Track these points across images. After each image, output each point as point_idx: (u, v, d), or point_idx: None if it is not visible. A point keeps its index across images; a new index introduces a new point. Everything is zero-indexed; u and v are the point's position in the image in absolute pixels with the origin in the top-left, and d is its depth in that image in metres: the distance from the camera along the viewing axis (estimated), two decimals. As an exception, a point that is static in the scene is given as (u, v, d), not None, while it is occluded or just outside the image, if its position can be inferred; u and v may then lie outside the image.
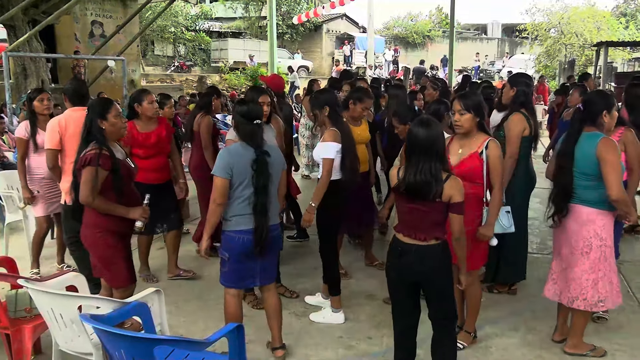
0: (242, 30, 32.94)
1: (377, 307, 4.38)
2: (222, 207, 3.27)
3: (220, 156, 3.31)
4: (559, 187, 3.45)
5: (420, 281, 2.99)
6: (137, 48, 19.14)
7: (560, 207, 3.44)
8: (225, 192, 3.23)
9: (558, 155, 3.50)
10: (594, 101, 3.44)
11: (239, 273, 3.39)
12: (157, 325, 3.08)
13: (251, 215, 3.26)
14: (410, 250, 2.91)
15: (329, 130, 3.99)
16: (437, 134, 2.85)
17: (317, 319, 4.20)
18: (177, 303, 4.46)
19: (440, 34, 37.67)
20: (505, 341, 3.84)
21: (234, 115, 3.43)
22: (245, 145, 3.28)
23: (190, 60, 29.55)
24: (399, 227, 2.99)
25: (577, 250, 3.42)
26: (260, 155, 3.24)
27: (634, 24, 33.43)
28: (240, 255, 3.33)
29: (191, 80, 24.33)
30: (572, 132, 3.42)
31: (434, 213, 2.87)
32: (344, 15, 35.60)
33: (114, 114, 3.47)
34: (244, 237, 3.28)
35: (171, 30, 28.81)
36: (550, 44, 30.20)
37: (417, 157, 2.83)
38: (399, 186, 2.89)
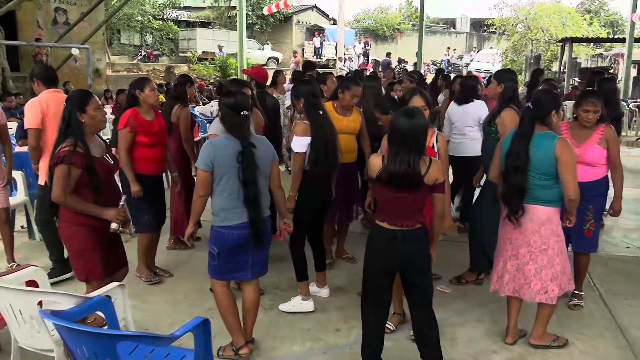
0: (211, 20, 32.52)
1: (345, 299, 4.39)
2: (204, 199, 3.27)
3: (203, 148, 3.28)
4: (513, 187, 3.38)
5: (406, 267, 3.05)
6: (102, 36, 18.73)
7: (516, 207, 3.39)
8: (207, 184, 3.21)
9: (510, 155, 3.40)
10: (544, 100, 3.43)
11: (230, 266, 3.37)
12: (121, 320, 3.02)
13: (240, 209, 3.22)
14: (397, 236, 2.96)
15: (300, 124, 4.04)
16: (420, 124, 2.91)
17: (286, 308, 4.21)
18: (143, 297, 4.39)
19: (410, 27, 37.91)
20: (471, 332, 3.89)
21: (221, 107, 3.36)
22: (231, 137, 3.23)
23: (158, 49, 29.03)
24: (383, 216, 3.01)
25: (535, 249, 3.45)
26: (247, 147, 3.18)
27: (598, 21, 34.22)
28: (230, 250, 3.30)
29: (159, 70, 23.93)
30: (524, 132, 3.38)
31: (419, 199, 2.98)
32: (314, 6, 35.49)
33: (93, 107, 3.35)
34: (233, 232, 3.25)
35: (138, 19, 28.25)
36: (517, 39, 30.72)
37: (397, 147, 2.87)
38: (381, 176, 2.90)
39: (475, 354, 3.63)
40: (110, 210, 3.34)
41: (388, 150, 2.94)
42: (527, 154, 3.31)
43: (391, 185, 2.90)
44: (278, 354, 3.63)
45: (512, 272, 3.55)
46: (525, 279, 3.50)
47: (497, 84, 4.45)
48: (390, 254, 3.01)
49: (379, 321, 3.20)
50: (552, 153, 3.29)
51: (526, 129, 3.37)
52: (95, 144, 3.42)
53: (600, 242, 4.46)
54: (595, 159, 4.00)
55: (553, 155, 3.29)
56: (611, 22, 38.09)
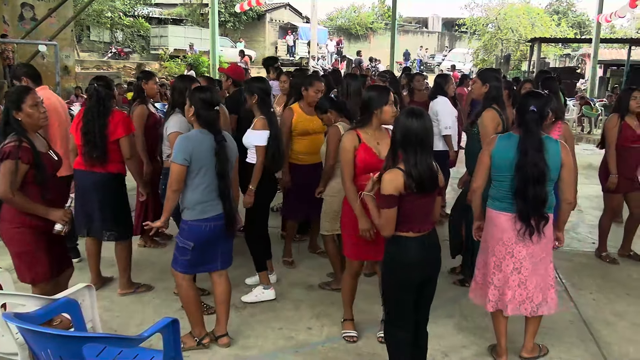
0: (183, 17, 32.17)
1: (316, 297, 4.40)
2: (178, 193, 3.30)
3: (179, 143, 3.28)
4: (535, 200, 3.11)
5: (434, 273, 2.98)
6: (71, 33, 18.31)
7: (539, 221, 3.16)
8: (182, 178, 3.26)
9: (525, 167, 3.09)
10: (546, 104, 3.21)
11: (201, 259, 3.44)
12: (89, 322, 2.97)
13: (216, 201, 3.33)
14: (425, 243, 2.87)
15: (259, 119, 4.15)
16: (430, 123, 2.83)
17: (249, 299, 4.29)
18: (111, 298, 4.33)
19: (383, 27, 38.12)
20: (441, 329, 3.93)
21: (195, 102, 3.34)
22: (205, 131, 3.30)
23: (129, 46, 28.59)
24: (408, 226, 2.83)
25: (537, 259, 3.29)
26: (221, 142, 3.31)
27: (565, 22, 34.91)
28: (205, 243, 3.38)
29: (129, 68, 23.56)
30: (535, 140, 3.10)
31: (434, 201, 2.94)
32: (287, 4, 35.42)
33: (29, 104, 3.24)
34: (212, 224, 3.34)
35: (108, 15, 27.74)
36: (487, 38, 31.18)
37: (413, 149, 2.74)
38: (409, 184, 2.72)
39: (446, 350, 3.68)
40: (57, 212, 3.28)
41: (402, 154, 2.77)
42: (545, 161, 3.08)
43: (417, 192, 2.75)
44: (250, 353, 3.61)
45: (514, 287, 3.30)
46: (527, 293, 3.31)
47: (481, 84, 4.37)
48: (425, 263, 2.90)
49: (410, 336, 2.99)
50: (559, 157, 3.16)
51: (538, 136, 3.12)
52: (38, 140, 3.36)
53: (566, 239, 4.54)
54: None
55: (560, 160, 3.16)
56: (579, 23, 38.93)
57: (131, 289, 4.42)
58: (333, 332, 3.84)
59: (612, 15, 17.65)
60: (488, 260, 3.38)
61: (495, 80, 4.37)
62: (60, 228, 3.27)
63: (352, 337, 3.74)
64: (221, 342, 3.61)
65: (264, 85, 4.28)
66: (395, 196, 2.75)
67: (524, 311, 3.34)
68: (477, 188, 3.41)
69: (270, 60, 7.94)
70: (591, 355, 3.64)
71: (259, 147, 4.11)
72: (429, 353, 3.22)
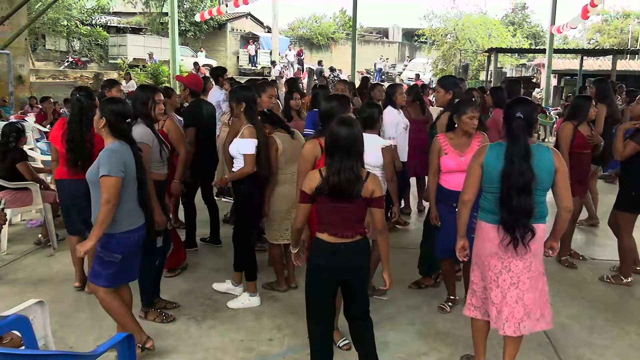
0: (142, 26, 31.73)
1: (278, 308, 4.37)
2: (115, 207, 3.22)
3: (110, 156, 3.21)
4: (519, 211, 2.97)
5: (348, 278, 3.02)
6: (25, 41, 17.84)
7: (524, 231, 3.00)
8: (119, 191, 3.22)
9: (511, 176, 2.97)
10: (532, 111, 3.11)
11: (125, 271, 3.43)
12: (40, 339, 2.86)
13: (139, 212, 3.40)
14: (340, 249, 2.93)
15: (248, 127, 4.16)
16: (359, 132, 2.93)
17: (235, 305, 4.35)
18: (66, 313, 4.20)
19: (344, 36, 38.44)
20: (402, 335, 3.95)
21: (108, 114, 3.29)
22: (123, 142, 3.33)
23: (86, 56, 28.04)
24: (323, 227, 2.96)
25: (535, 272, 3.14)
26: (137, 151, 3.38)
27: (521, 33, 35.91)
28: (131, 254, 3.40)
29: (87, 77, 23.10)
30: (522, 147, 2.98)
31: (358, 210, 2.94)
32: (248, 14, 35.39)
33: None
34: (137, 234, 3.39)
35: (64, 24, 27.16)
36: (446, 48, 31.79)
37: (340, 156, 2.85)
38: (322, 187, 2.87)
39: (406, 357, 3.69)
40: None
41: (327, 160, 2.90)
42: (532, 171, 2.97)
43: (332, 196, 2.87)
44: (210, 366, 3.56)
45: (512, 304, 3.12)
46: (525, 308, 3.13)
47: (445, 91, 4.51)
48: (334, 267, 2.96)
49: (326, 331, 3.14)
50: (552, 165, 3.05)
51: (525, 144, 2.99)
52: None
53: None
54: None
55: (553, 167, 3.05)
56: (533, 34, 40.07)
57: None
58: (295, 342, 3.81)
59: (565, 26, 18.25)
60: (485, 274, 3.21)
61: (458, 87, 4.56)
62: None
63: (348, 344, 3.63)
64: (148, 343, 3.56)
65: (253, 94, 4.32)
66: (307, 194, 2.93)
67: (524, 330, 3.13)
68: (468, 201, 3.23)
69: (219, 70, 7.79)
70: (548, 358, 3.71)
71: (248, 156, 4.12)
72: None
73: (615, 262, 5.26)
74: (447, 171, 4.04)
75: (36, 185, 5.72)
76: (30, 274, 5.00)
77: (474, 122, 3.95)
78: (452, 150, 4.01)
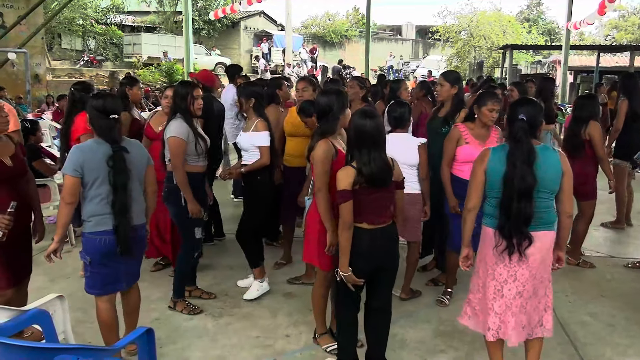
0: (156, 25, 31.92)
1: (294, 305, 4.36)
2: (72, 207, 3.10)
3: (70, 153, 3.12)
4: (517, 216, 2.86)
5: (384, 263, 3.14)
6: (41, 41, 18.06)
7: (521, 238, 2.90)
8: (75, 191, 3.08)
9: (511, 179, 2.87)
10: (537, 112, 3.00)
11: (102, 278, 3.22)
12: (60, 333, 2.90)
13: (111, 215, 3.12)
14: (377, 234, 3.06)
15: (260, 121, 4.31)
16: (382, 122, 3.10)
17: (251, 295, 4.43)
18: (86, 309, 4.22)
19: (357, 34, 38.37)
20: (420, 333, 3.93)
21: (89, 110, 3.20)
22: (101, 141, 3.13)
23: (101, 54, 28.28)
24: (361, 217, 3.03)
25: (538, 281, 3.04)
26: (117, 151, 3.09)
27: (536, 29, 35.61)
28: (102, 258, 3.17)
29: (102, 76, 23.29)
30: (524, 149, 2.87)
31: (390, 195, 3.12)
32: (262, 12, 35.41)
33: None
34: (105, 238, 3.13)
35: (80, 23, 27.41)
36: (460, 45, 31.59)
37: (367, 148, 2.96)
38: (358, 180, 2.95)
39: (424, 354, 3.67)
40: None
41: (356, 153, 3.00)
42: (534, 175, 2.85)
43: (369, 187, 2.97)
44: (227, 362, 3.57)
45: (517, 314, 3.02)
46: (527, 317, 3.05)
47: (450, 86, 4.56)
48: (374, 252, 3.07)
49: (355, 318, 3.28)
50: (559, 167, 2.93)
51: (528, 146, 2.88)
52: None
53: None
54: None
55: (560, 170, 2.94)
56: (549, 30, 39.75)
57: None
58: (311, 340, 3.80)
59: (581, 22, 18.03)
60: (487, 283, 3.08)
61: (461, 82, 4.60)
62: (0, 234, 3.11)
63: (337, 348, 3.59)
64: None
65: (258, 89, 4.48)
66: (349, 190, 2.96)
67: (526, 336, 3.07)
68: (473, 208, 3.08)
69: (235, 68, 7.75)
70: (568, 357, 3.67)
71: (264, 147, 4.27)
72: (409, 358, 3.22)
73: (635, 259, 5.19)
74: (466, 161, 3.98)
75: (54, 182, 5.77)
76: (49, 270, 5.02)
77: (493, 115, 3.97)
78: (474, 140, 4.00)
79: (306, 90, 4.93)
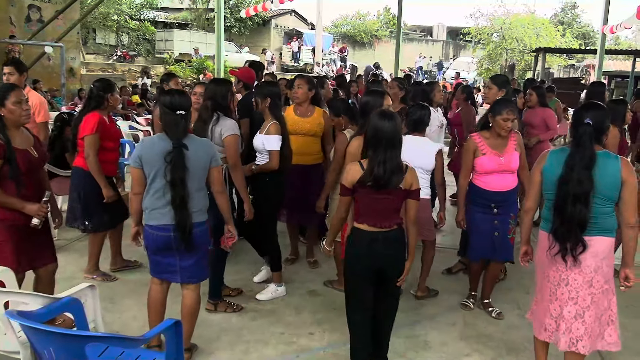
0: (188, 22, 32.28)
1: (319, 303, 4.38)
2: (139, 197, 3.26)
3: (136, 146, 3.32)
4: (572, 220, 2.84)
5: (385, 266, 3.07)
6: (77, 35, 18.41)
7: (576, 243, 2.87)
8: (139, 181, 3.23)
9: (567, 183, 2.85)
10: (604, 117, 2.95)
11: (156, 266, 3.38)
12: (91, 322, 2.96)
13: (165, 210, 3.17)
14: (378, 238, 3.01)
15: (274, 124, 4.19)
16: (400, 124, 3.03)
17: (265, 297, 4.41)
18: (113, 299, 4.32)
19: (388, 34, 38.19)
20: (444, 336, 3.91)
21: (159, 105, 3.37)
22: (164, 136, 3.19)
23: (134, 50, 28.70)
24: (362, 218, 3.03)
25: (597, 290, 2.97)
26: (176, 147, 3.12)
27: (570, 32, 34.93)
28: (155, 250, 3.29)
29: (134, 71, 23.63)
30: (588, 155, 2.83)
31: (396, 201, 3.02)
32: (293, 11, 35.50)
33: (12, 101, 3.29)
34: (157, 233, 3.21)
35: (114, 19, 27.90)
36: (492, 48, 31.16)
37: (383, 148, 2.91)
38: (364, 179, 2.92)
39: (449, 357, 3.66)
40: (33, 205, 3.29)
41: (369, 152, 2.96)
42: (592, 180, 2.82)
43: (373, 187, 2.93)
44: (251, 357, 3.60)
45: (569, 319, 3.00)
46: (585, 327, 2.99)
47: (498, 89, 4.58)
48: (373, 255, 3.03)
49: (366, 321, 3.18)
50: (618, 175, 2.86)
51: (590, 151, 2.84)
52: (21, 136, 3.39)
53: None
54: (516, 165, 4.01)
55: (620, 178, 2.86)
56: (583, 34, 38.96)
57: (93, 275, 4.73)
58: (335, 338, 3.82)
59: (618, 26, 17.64)
60: (543, 286, 3.13)
61: (510, 86, 4.61)
62: (37, 222, 3.30)
63: None
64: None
65: (278, 89, 4.39)
66: (347, 187, 2.99)
67: (581, 349, 2.99)
68: (530, 209, 3.19)
69: (256, 66, 7.54)
70: (595, 366, 3.62)
71: (274, 152, 4.16)
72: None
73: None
74: (485, 172, 3.97)
75: (86, 173, 5.89)
76: (79, 260, 5.14)
77: (507, 125, 3.89)
78: (490, 151, 3.95)
79: (301, 88, 4.83)
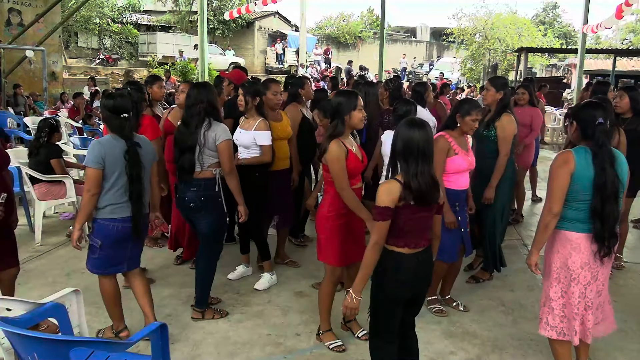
0: (171, 24, 32.11)
1: (305, 304, 4.39)
2: (96, 197, 3.37)
3: (92, 148, 3.38)
4: (611, 220, 2.91)
5: (425, 286, 2.92)
6: (58, 39, 18.26)
7: (615, 241, 2.99)
8: (99, 182, 3.34)
9: (605, 186, 2.87)
10: (608, 113, 2.97)
11: (108, 260, 3.53)
12: (76, 327, 2.94)
13: (126, 204, 3.43)
14: (418, 259, 2.75)
15: (262, 120, 4.41)
16: (432, 134, 2.74)
17: (262, 286, 4.63)
18: (99, 303, 4.27)
19: (371, 35, 38.30)
20: (429, 335, 3.94)
21: (102, 109, 3.51)
22: (117, 137, 3.41)
23: (117, 53, 28.51)
24: (405, 241, 2.70)
25: (607, 277, 3.17)
26: (132, 147, 3.40)
27: (552, 32, 35.30)
28: (113, 243, 3.48)
29: (117, 74, 23.49)
30: (609, 153, 2.91)
31: (431, 217, 2.79)
32: (276, 13, 35.47)
33: None
34: (119, 225, 3.44)
35: (96, 22, 27.70)
36: (475, 48, 31.37)
37: (415, 160, 2.62)
38: (405, 196, 2.60)
39: (434, 356, 3.68)
40: None
41: (402, 164, 2.66)
42: (620, 178, 2.91)
43: (416, 204, 2.64)
44: (238, 359, 3.59)
45: (594, 311, 3.10)
46: (602, 313, 3.16)
47: (496, 90, 4.66)
48: (417, 280, 2.79)
49: (395, 351, 2.90)
50: (627, 169, 3.02)
51: (610, 150, 2.92)
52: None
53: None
54: (474, 163, 4.12)
55: (627, 172, 3.03)
56: (564, 33, 39.40)
57: None
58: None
59: (598, 26, 17.85)
60: (572, 289, 3.05)
61: (508, 87, 4.69)
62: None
63: (340, 346, 3.69)
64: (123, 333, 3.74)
65: (262, 88, 4.61)
66: (391, 208, 2.61)
67: (600, 333, 3.17)
68: (558, 214, 3.01)
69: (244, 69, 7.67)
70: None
71: (267, 146, 4.39)
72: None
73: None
74: (458, 171, 3.97)
75: (70, 179, 5.85)
76: (63, 265, 5.11)
77: (475, 125, 3.97)
78: (461, 150, 3.98)
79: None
